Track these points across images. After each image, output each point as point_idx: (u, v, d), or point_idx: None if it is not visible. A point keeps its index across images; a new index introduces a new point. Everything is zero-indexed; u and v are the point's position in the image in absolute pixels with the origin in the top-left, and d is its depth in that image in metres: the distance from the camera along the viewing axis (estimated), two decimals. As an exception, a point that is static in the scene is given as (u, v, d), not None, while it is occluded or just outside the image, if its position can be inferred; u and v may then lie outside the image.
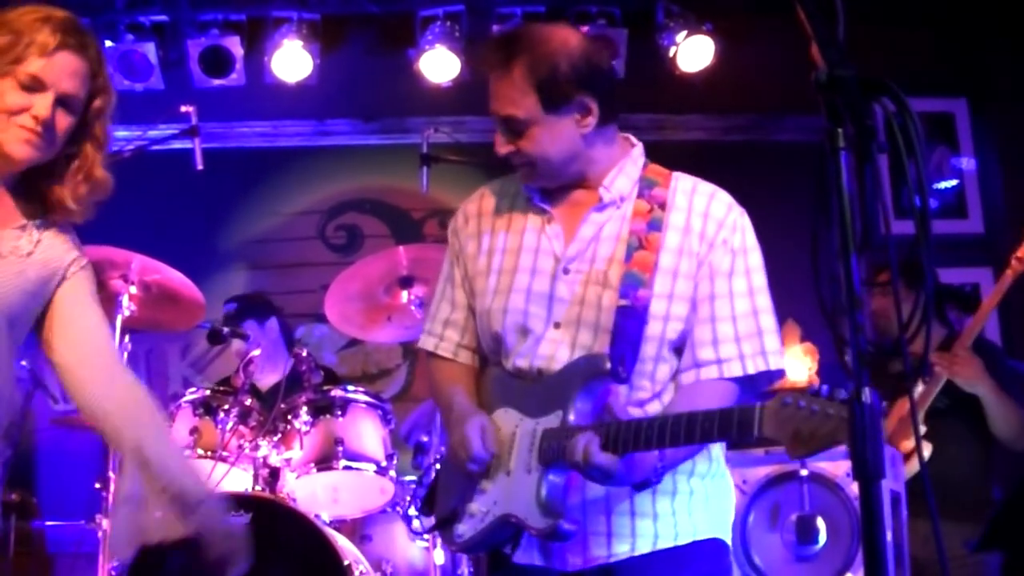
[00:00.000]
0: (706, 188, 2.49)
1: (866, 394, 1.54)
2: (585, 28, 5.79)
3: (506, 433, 2.43)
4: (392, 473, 4.35)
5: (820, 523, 3.59)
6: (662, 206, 2.43)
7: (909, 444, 4.06)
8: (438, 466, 4.14)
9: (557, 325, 2.42)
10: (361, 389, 4.52)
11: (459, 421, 2.46)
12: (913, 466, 4.01)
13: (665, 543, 2.38)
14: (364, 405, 4.41)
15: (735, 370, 2.37)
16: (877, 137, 1.54)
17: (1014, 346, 5.99)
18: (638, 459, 2.24)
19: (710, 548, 2.44)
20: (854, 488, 3.45)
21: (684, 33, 6.06)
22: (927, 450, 4.04)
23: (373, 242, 6.29)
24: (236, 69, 6.13)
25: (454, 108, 6.15)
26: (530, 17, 6.01)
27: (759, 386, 2.43)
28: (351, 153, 6.45)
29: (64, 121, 2.35)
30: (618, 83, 2.56)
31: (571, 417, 2.31)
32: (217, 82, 6.15)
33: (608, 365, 2.30)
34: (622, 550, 2.37)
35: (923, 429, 4.11)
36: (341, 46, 6.38)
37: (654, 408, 2.41)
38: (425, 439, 4.56)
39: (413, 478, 4.56)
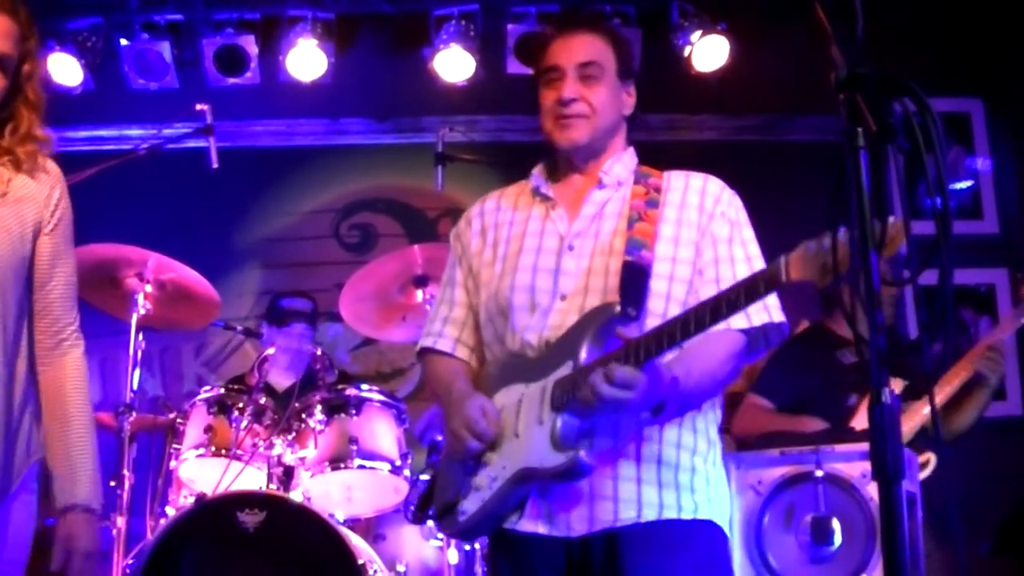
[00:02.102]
0: (699, 174, 2.66)
1: (886, 395, 1.53)
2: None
3: (510, 405, 2.47)
4: (406, 472, 4.35)
5: (835, 524, 3.57)
6: (657, 190, 2.59)
7: None
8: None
9: (563, 297, 2.50)
10: (375, 388, 4.52)
11: (459, 403, 2.50)
12: None
13: (669, 514, 2.42)
14: (378, 404, 4.41)
15: (740, 322, 2.43)
16: (897, 137, 1.53)
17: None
18: (656, 371, 2.27)
19: (712, 531, 2.49)
20: (869, 489, 3.45)
21: (699, 33, 6.03)
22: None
23: (387, 241, 6.29)
24: (251, 68, 6.13)
25: (468, 107, 6.15)
26: (545, 16, 6.00)
27: (770, 340, 2.51)
28: (365, 152, 6.45)
29: None
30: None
31: (583, 356, 2.36)
32: (232, 81, 6.15)
33: (618, 308, 2.37)
34: (628, 516, 2.40)
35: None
36: (356, 45, 6.38)
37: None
38: (439, 438, 4.56)
39: (427, 477, 4.55)
